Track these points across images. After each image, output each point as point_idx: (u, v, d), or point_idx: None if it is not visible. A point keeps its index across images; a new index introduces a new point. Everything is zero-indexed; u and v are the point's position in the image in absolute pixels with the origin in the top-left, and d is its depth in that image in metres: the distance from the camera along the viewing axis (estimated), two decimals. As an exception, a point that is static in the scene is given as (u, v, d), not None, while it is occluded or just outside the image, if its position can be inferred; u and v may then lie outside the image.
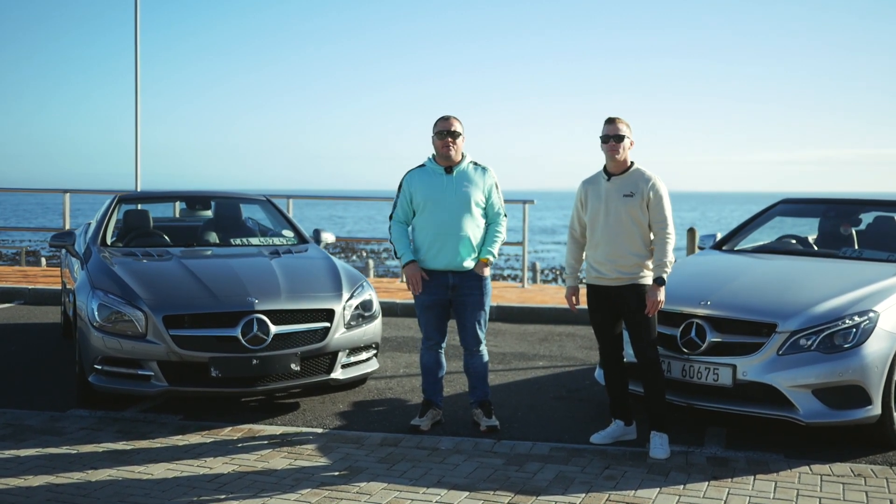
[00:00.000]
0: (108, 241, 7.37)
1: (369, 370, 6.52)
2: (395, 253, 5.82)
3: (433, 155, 5.80)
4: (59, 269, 14.20)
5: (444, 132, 5.66)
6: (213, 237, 7.75)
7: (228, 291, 6.04)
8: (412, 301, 10.84)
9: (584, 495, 4.60)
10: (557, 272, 27.27)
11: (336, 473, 4.91)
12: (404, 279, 5.90)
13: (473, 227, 5.70)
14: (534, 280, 14.83)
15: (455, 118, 5.71)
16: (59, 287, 11.52)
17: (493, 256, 5.76)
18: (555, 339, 9.33)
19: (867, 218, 7.36)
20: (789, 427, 5.77)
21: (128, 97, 16.67)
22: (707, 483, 4.80)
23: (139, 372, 5.83)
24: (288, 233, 7.97)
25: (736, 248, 7.25)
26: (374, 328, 6.49)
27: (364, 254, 29.37)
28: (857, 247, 7.01)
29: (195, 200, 8.39)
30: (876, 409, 5.27)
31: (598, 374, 6.39)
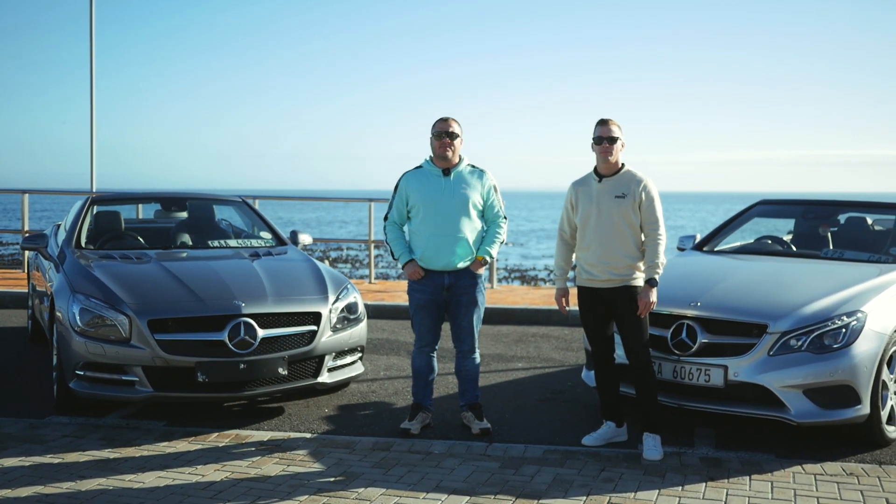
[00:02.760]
0: (83, 244, 7.21)
1: (355, 373, 6.46)
2: (392, 254, 5.78)
3: (430, 156, 5.76)
4: (13, 271, 13.92)
5: (443, 133, 5.62)
6: (187, 239, 7.63)
7: (214, 295, 5.94)
8: (384, 303, 10.90)
9: (585, 498, 4.60)
10: (511, 271, 27.37)
11: (332, 479, 4.86)
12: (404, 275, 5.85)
13: (471, 229, 5.67)
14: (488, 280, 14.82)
15: (454, 119, 5.68)
16: (18, 290, 11.27)
17: (491, 257, 5.74)
18: (530, 341, 9.34)
19: (842, 219, 7.48)
20: (777, 427, 5.84)
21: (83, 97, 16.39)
22: (704, 484, 4.83)
23: (123, 377, 5.71)
24: (265, 234, 7.88)
25: (716, 249, 7.30)
26: (359, 331, 6.44)
27: (328, 262, 29.17)
28: (831, 247, 7.11)
29: (170, 202, 8.25)
30: (865, 408, 5.34)
31: (586, 375, 6.40)
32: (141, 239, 7.57)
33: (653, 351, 5.58)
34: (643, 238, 5.44)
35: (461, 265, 5.65)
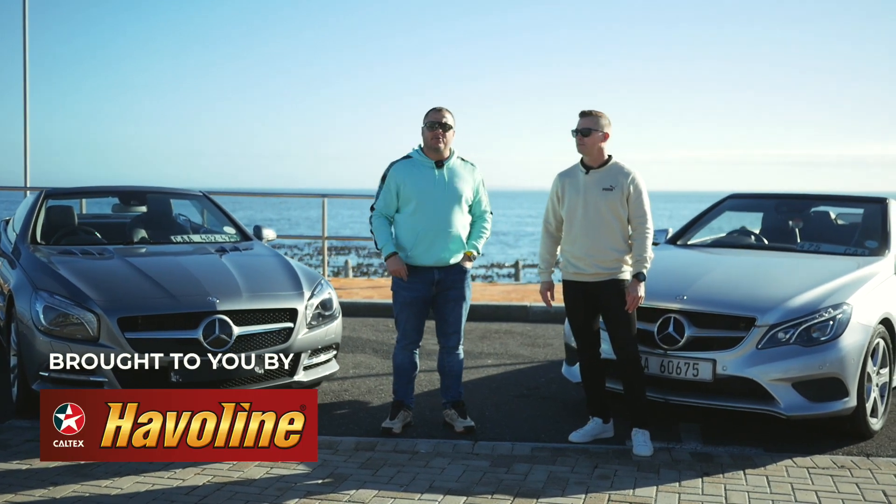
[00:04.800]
0: (38, 239, 6.90)
1: (330, 371, 6.29)
2: (376, 244, 5.59)
3: (420, 146, 5.59)
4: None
5: (436, 124, 5.45)
6: (146, 234, 7.34)
7: (186, 291, 5.71)
8: (349, 300, 10.68)
9: (584, 496, 4.51)
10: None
11: (320, 481, 4.69)
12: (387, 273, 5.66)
13: (462, 224, 5.53)
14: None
15: (447, 110, 5.51)
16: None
17: (478, 252, 5.61)
18: (494, 337, 9.24)
19: (812, 212, 7.52)
20: (760, 420, 5.82)
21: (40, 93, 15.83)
22: (700, 480, 4.77)
23: (91, 378, 5.45)
24: (229, 229, 7.64)
25: (689, 243, 7.28)
26: (335, 327, 6.27)
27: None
28: (800, 241, 7.14)
29: (129, 196, 7.95)
30: (852, 400, 5.35)
31: (567, 370, 6.30)
32: (98, 234, 7.27)
33: (639, 345, 5.51)
34: (630, 231, 5.37)
35: (453, 261, 5.52)
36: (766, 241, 7.21)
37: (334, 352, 6.35)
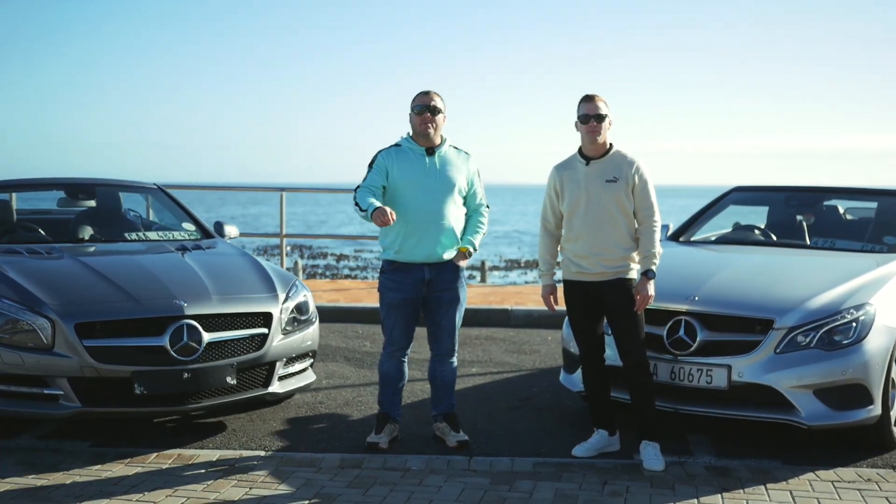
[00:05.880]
0: (-24, 238, 6.73)
1: (306, 382, 6.21)
2: (359, 207, 5.24)
3: (409, 133, 5.51)
4: None
5: (424, 107, 5.37)
6: (95, 231, 7.17)
7: (149, 294, 5.60)
8: (320, 304, 10.55)
9: (598, 515, 4.48)
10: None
11: (307, 502, 4.61)
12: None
13: (456, 216, 5.46)
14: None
15: (436, 93, 5.42)
16: None
17: (475, 248, 5.54)
18: (476, 343, 9.20)
19: (824, 206, 7.57)
20: (774, 430, 5.83)
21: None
22: (720, 496, 4.76)
23: (45, 391, 5.32)
24: (188, 226, 7.51)
25: (692, 239, 7.30)
26: (312, 333, 6.19)
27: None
28: (808, 236, 7.18)
29: (77, 189, 7.78)
30: (877, 408, 5.36)
31: (566, 378, 6.27)
32: (42, 231, 7.11)
33: (647, 351, 5.50)
34: (637, 226, 5.35)
35: (446, 256, 5.44)
36: (774, 237, 7.24)
37: (311, 360, 6.28)
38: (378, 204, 5.18)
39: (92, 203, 7.73)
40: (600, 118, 5.26)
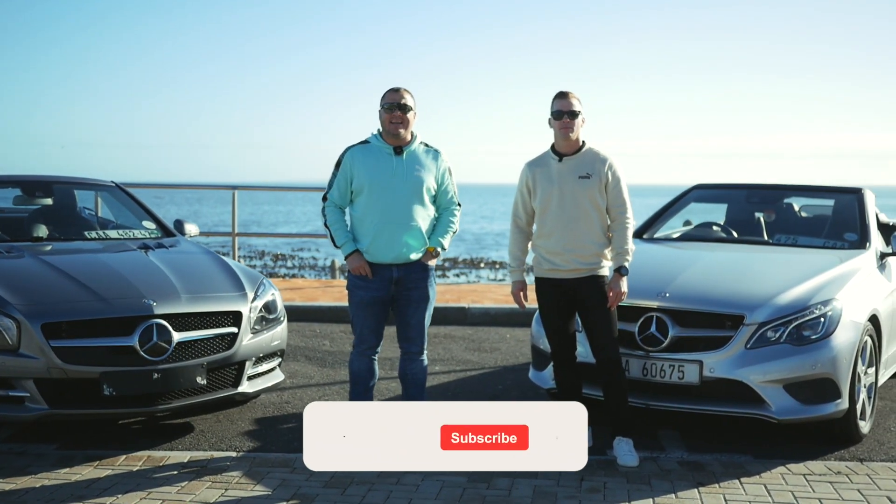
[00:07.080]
0: (-68, 237, 6.56)
1: (275, 381, 6.15)
2: (333, 241, 5.43)
3: (378, 131, 5.46)
4: None
5: (394, 105, 5.32)
6: (50, 230, 7.02)
7: (117, 293, 5.50)
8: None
9: (579, 512, 4.50)
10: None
11: (285, 503, 4.57)
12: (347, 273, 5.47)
13: (424, 216, 5.41)
14: (332, 277, 14.67)
15: (406, 90, 5.38)
16: None
17: (443, 248, 5.52)
18: (435, 341, 9.17)
19: (784, 204, 7.69)
20: (740, 424, 5.90)
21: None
22: (696, 490, 4.82)
23: (10, 393, 5.21)
24: (148, 224, 7.39)
25: (655, 237, 7.36)
26: (280, 332, 6.14)
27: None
28: (769, 233, 7.29)
29: (33, 186, 7.61)
30: (844, 402, 5.46)
31: (536, 375, 6.27)
32: None
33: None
34: (609, 223, 5.38)
35: (413, 257, 5.41)
36: (734, 234, 7.33)
37: (279, 359, 6.22)
38: (355, 247, 5.34)
39: (48, 201, 7.58)
40: (573, 115, 5.29)
